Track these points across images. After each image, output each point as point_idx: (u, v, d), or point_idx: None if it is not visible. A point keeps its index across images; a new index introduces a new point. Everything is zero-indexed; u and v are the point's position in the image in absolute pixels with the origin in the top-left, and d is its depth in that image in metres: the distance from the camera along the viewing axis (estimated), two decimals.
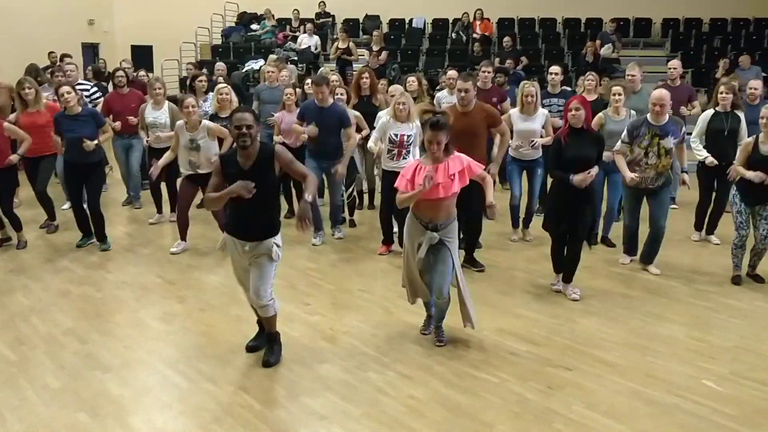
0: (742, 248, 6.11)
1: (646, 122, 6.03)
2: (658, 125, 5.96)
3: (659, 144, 5.94)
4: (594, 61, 13.95)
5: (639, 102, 7.38)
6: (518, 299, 5.74)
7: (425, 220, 4.55)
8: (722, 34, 16.43)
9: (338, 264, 6.67)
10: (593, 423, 3.82)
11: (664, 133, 5.94)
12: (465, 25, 16.80)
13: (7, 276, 6.23)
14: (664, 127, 5.95)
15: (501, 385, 4.25)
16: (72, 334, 4.99)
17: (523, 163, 7.24)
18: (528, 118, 7.06)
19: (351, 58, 14.16)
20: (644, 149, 6.00)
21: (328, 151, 7.08)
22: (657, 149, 5.95)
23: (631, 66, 7.89)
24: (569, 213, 5.57)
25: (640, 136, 6.01)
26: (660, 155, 5.97)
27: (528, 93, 6.99)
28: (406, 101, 6.56)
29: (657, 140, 5.94)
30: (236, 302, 5.61)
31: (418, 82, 8.27)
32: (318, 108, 6.99)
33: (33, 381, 4.27)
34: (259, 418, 3.87)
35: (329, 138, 7.01)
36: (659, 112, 5.94)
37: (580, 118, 5.48)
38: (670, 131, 5.94)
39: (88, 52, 18.80)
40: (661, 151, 5.96)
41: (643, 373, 4.41)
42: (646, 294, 5.88)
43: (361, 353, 4.69)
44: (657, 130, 5.95)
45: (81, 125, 6.76)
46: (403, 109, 6.52)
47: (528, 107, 7.03)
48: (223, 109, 7.67)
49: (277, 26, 17.78)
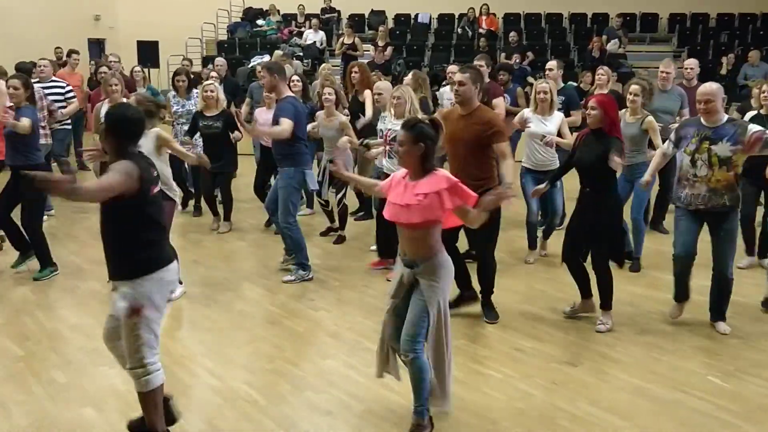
0: None
1: (696, 121, 4.89)
2: (709, 126, 4.75)
3: (709, 150, 4.70)
4: (600, 57, 13.91)
5: (668, 102, 6.95)
6: (523, 296, 5.74)
7: (401, 252, 3.62)
8: (729, 29, 16.38)
9: (343, 260, 6.67)
10: (597, 419, 3.82)
11: (716, 137, 4.69)
12: (471, 20, 16.79)
13: (13, 271, 6.25)
14: (717, 130, 4.71)
15: (505, 382, 4.25)
16: (78, 330, 5.01)
17: (539, 175, 6.33)
18: (542, 118, 6.37)
19: (356, 53, 14.16)
20: (690, 155, 4.80)
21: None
22: (707, 157, 4.71)
23: (666, 62, 7.25)
24: (584, 237, 5.01)
25: (687, 138, 4.84)
26: (712, 165, 4.71)
27: (541, 89, 6.36)
28: (402, 95, 5.91)
29: (706, 145, 4.71)
30: (240, 298, 5.64)
31: (414, 78, 7.44)
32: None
33: (39, 376, 4.30)
34: (263, 413, 3.88)
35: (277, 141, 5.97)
36: (707, 110, 4.73)
37: (596, 118, 4.82)
38: (726, 135, 4.67)
39: (94, 48, 18.84)
40: (712, 159, 4.70)
41: (647, 370, 4.41)
42: (650, 291, 5.87)
43: (365, 349, 4.70)
44: (707, 132, 4.73)
45: None
46: (398, 104, 5.91)
47: (542, 106, 6.37)
48: (209, 108, 7.31)
49: (282, 22, 17.79)
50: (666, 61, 7.43)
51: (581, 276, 5.14)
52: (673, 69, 7.13)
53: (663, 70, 7.12)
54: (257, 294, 5.79)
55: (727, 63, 13.13)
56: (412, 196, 3.43)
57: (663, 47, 16.26)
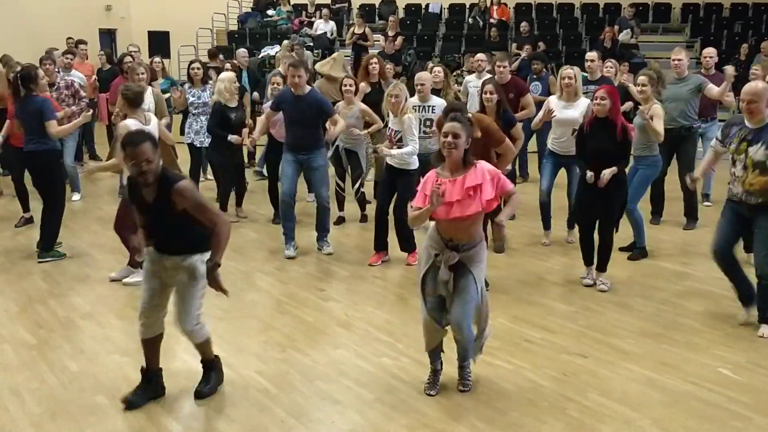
0: None
1: (741, 120, 4.82)
2: (751, 127, 4.69)
3: (746, 152, 4.65)
4: (612, 47, 13.79)
5: (682, 90, 6.93)
6: (533, 287, 5.73)
7: (445, 237, 3.85)
8: (743, 19, 16.19)
9: (353, 250, 6.68)
10: (607, 410, 3.82)
11: (755, 139, 4.63)
12: (482, 10, 16.68)
13: (26, 260, 6.30)
14: (757, 132, 4.64)
15: (516, 372, 4.25)
16: (90, 318, 5.05)
17: (561, 159, 6.49)
18: (568, 105, 6.36)
19: (367, 43, 14.11)
20: (732, 155, 4.80)
21: (304, 143, 6.35)
22: (744, 158, 4.67)
23: (677, 50, 7.23)
24: (598, 200, 5.45)
25: (731, 136, 4.83)
26: (747, 167, 4.65)
27: (566, 75, 6.37)
28: (399, 93, 5.94)
29: (745, 147, 4.67)
30: (252, 288, 5.66)
31: (444, 73, 7.71)
32: (294, 96, 6.27)
33: (52, 364, 4.33)
34: (274, 401, 3.90)
35: (307, 130, 6.30)
36: (749, 110, 4.63)
37: (605, 107, 5.32)
38: (763, 138, 4.60)
39: (105, 38, 18.88)
40: (748, 161, 4.64)
41: (657, 361, 4.40)
42: (662, 282, 5.84)
43: (375, 339, 4.72)
44: (747, 133, 4.69)
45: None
46: (395, 102, 5.92)
47: (568, 92, 6.37)
48: (233, 99, 7.29)
49: (292, 12, 17.75)
50: (676, 49, 7.39)
51: (592, 247, 5.66)
52: (684, 55, 7.08)
53: (675, 58, 7.08)
54: (268, 284, 5.81)
55: (744, 51, 13.00)
56: (461, 191, 3.70)
57: (676, 37, 16.09)
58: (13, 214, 7.74)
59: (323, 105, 6.35)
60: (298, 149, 6.37)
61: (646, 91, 6.11)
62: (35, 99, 6.11)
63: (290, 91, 6.33)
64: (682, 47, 7.35)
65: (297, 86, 6.21)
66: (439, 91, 7.54)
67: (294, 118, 6.31)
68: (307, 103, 6.24)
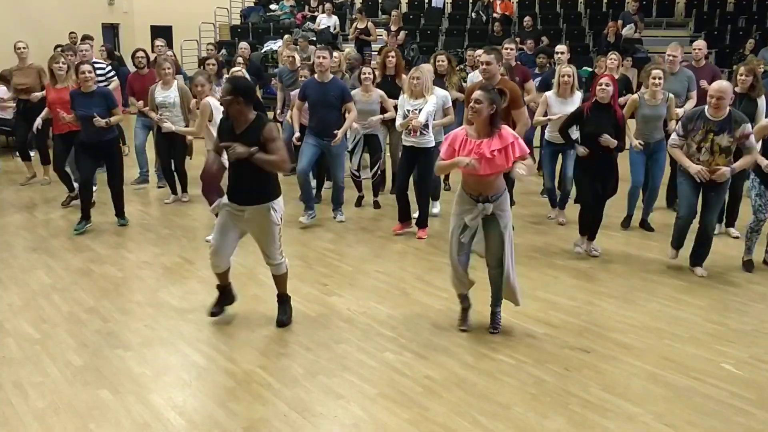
0: (757, 233, 5.95)
1: (702, 115, 5.56)
2: (714, 120, 5.48)
3: (713, 141, 5.48)
4: (615, 42, 13.76)
5: (676, 84, 7.22)
6: (536, 282, 5.73)
7: (474, 194, 4.46)
8: (747, 13, 16.12)
9: (356, 245, 6.69)
10: (610, 405, 3.82)
11: (719, 129, 5.46)
12: (485, 4, 16.64)
13: (29, 255, 6.32)
14: (721, 123, 5.46)
15: (518, 367, 4.26)
16: (94, 313, 5.06)
17: (558, 147, 7.16)
18: (564, 101, 6.97)
19: (369, 38, 14.10)
20: (697, 144, 5.56)
21: (328, 128, 6.96)
22: (710, 146, 5.49)
23: (672, 46, 7.57)
24: (597, 178, 6.07)
25: (695, 130, 5.57)
26: (714, 152, 5.50)
27: (565, 73, 6.97)
28: (421, 75, 6.46)
29: (711, 136, 5.48)
30: (255, 282, 5.66)
31: (447, 60, 8.01)
32: (318, 83, 6.96)
33: (55, 358, 4.34)
34: (277, 396, 3.91)
35: (330, 114, 6.97)
36: (717, 105, 5.44)
37: (609, 93, 5.90)
38: (728, 128, 5.44)
39: (108, 33, 18.89)
40: (714, 148, 5.49)
41: (660, 356, 4.40)
42: (664, 278, 5.84)
43: (378, 334, 4.72)
44: (712, 125, 5.48)
45: (93, 104, 6.79)
46: (417, 84, 6.45)
47: (564, 89, 6.97)
48: None
49: (295, 6, 17.72)
50: (673, 44, 7.67)
51: (590, 220, 6.25)
52: (679, 52, 7.50)
53: (670, 54, 7.48)
54: (271, 279, 5.80)
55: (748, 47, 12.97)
56: (488, 151, 4.31)
57: (679, 32, 16.03)
58: (14, 208, 7.76)
59: (344, 91, 7.03)
60: (321, 133, 6.99)
61: (660, 84, 6.62)
62: None
63: (314, 80, 7.04)
64: (677, 44, 7.68)
65: (322, 67, 6.88)
66: (444, 77, 7.81)
67: (319, 103, 6.94)
68: (331, 88, 6.93)
